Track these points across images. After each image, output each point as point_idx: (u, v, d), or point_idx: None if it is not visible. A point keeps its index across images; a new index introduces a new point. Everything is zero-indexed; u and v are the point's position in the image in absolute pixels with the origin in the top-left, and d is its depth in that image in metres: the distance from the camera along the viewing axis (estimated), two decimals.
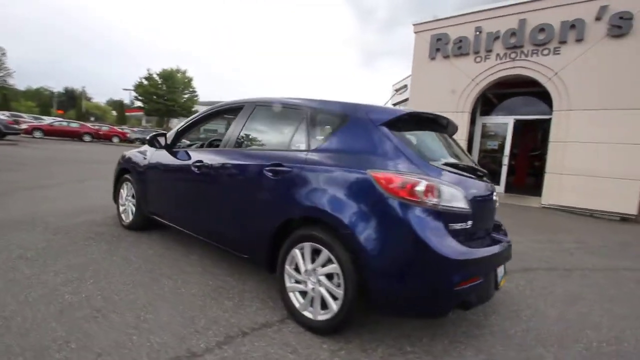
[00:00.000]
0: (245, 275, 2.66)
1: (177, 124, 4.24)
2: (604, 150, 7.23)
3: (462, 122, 9.10)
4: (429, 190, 1.64)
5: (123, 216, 3.67)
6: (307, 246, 1.93)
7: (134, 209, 3.49)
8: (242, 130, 2.52)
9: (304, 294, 2.00)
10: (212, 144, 3.31)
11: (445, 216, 1.70)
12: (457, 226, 1.75)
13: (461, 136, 9.13)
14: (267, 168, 2.14)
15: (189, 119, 3.17)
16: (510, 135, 9.32)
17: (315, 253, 1.92)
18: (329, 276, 1.86)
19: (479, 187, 2.02)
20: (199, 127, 3.22)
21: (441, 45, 9.42)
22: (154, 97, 33.83)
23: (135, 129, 28.24)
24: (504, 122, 9.57)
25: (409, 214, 1.62)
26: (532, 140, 12.02)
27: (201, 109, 3.68)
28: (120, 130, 26.37)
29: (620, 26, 6.79)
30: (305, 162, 1.99)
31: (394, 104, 46.91)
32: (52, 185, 5.79)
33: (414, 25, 10.10)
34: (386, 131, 1.85)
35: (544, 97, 8.40)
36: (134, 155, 3.55)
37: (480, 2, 9.06)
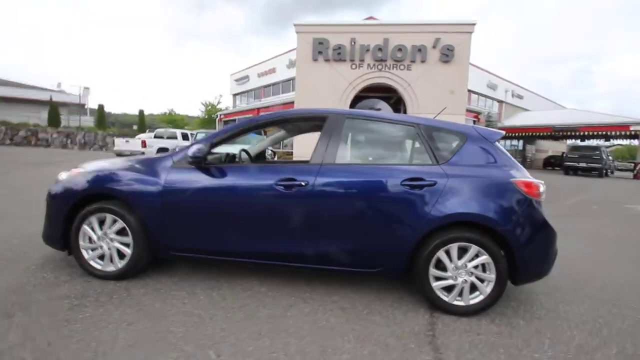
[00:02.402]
0: (342, 290, 2.58)
1: None
2: None
3: None
4: (544, 188, 2.33)
5: (96, 263, 2.57)
6: (454, 246, 2.24)
7: (127, 250, 2.52)
8: (339, 144, 2.41)
9: (447, 288, 2.30)
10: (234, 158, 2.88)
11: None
12: None
13: None
14: (405, 182, 2.26)
15: (229, 127, 2.59)
16: None
17: (460, 250, 2.26)
18: (475, 266, 2.27)
19: None
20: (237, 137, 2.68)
21: (323, 49, 10.41)
22: None
23: None
24: None
25: (539, 207, 2.26)
26: None
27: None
28: None
29: (447, 54, 9.73)
30: (446, 174, 2.26)
31: (235, 95, 45.49)
32: None
33: (295, 25, 10.60)
34: (499, 146, 2.40)
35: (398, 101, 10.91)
36: (120, 174, 2.52)
37: None
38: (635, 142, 25.91)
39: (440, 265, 2.29)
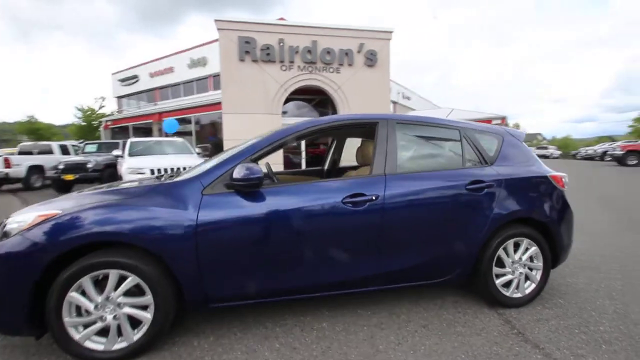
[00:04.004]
0: (399, 305, 2.43)
1: None
2: None
3: (275, 123, 10.13)
4: (567, 179, 2.63)
5: (94, 344, 1.80)
6: (511, 242, 2.35)
7: (145, 314, 1.83)
8: (396, 151, 2.25)
9: (506, 284, 2.40)
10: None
11: None
12: None
13: None
14: (469, 186, 2.24)
15: (268, 139, 2.13)
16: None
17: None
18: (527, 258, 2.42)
19: None
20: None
21: (250, 49, 9.78)
22: None
23: None
24: None
25: (566, 196, 2.55)
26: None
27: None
28: None
29: (371, 59, 10.33)
30: (498, 174, 2.34)
31: (120, 97, 39.75)
32: None
33: (216, 21, 9.66)
34: (525, 144, 2.62)
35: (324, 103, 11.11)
36: (126, 210, 1.80)
37: None
38: None
39: (497, 263, 2.36)
